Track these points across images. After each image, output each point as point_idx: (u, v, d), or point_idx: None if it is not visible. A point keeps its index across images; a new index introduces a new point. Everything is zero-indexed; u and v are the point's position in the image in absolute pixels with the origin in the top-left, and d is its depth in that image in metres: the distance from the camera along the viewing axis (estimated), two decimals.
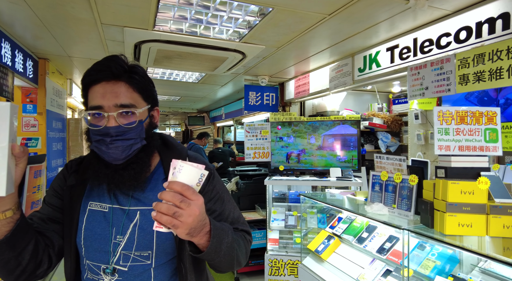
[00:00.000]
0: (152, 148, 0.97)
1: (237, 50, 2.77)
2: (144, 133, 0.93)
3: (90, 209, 0.95)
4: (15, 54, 2.60)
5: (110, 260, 0.91)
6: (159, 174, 0.99)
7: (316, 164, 3.75)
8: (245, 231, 1.06)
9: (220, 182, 1.06)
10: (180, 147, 1.06)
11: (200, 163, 0.95)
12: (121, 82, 0.89)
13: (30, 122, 3.19)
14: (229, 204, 1.05)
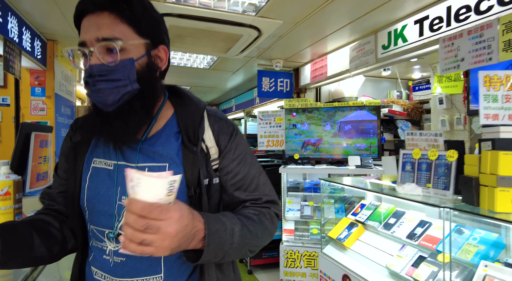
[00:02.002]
0: (153, 96, 0.80)
1: (253, 26, 2.61)
2: (134, 74, 0.75)
3: (94, 166, 0.83)
4: (22, 31, 2.49)
5: (114, 224, 0.78)
6: (172, 127, 0.84)
7: (332, 152, 3.58)
8: (270, 202, 0.90)
9: (244, 142, 0.90)
10: (197, 99, 0.90)
11: (223, 121, 0.88)
12: (105, 12, 0.74)
13: (38, 105, 3.09)
14: (253, 168, 0.89)
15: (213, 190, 0.83)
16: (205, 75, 4.95)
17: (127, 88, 0.74)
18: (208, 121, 0.85)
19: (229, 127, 0.87)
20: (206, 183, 0.81)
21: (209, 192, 0.81)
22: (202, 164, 0.80)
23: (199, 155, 0.80)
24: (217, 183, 0.84)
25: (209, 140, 0.83)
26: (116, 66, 0.73)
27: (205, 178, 0.81)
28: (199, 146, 0.81)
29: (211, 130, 0.84)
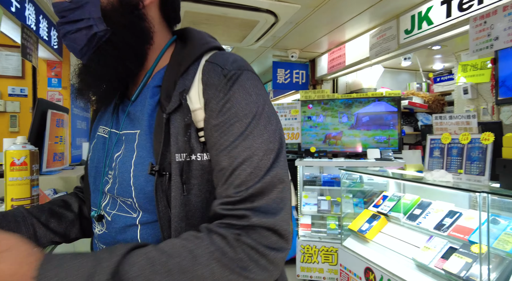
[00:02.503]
0: (132, 40, 0.60)
1: (269, 11, 2.53)
2: (97, 10, 0.58)
3: (98, 135, 0.71)
4: (39, 19, 2.49)
5: (100, 202, 0.66)
6: (155, 79, 0.63)
7: (349, 145, 3.47)
8: (259, 214, 0.51)
9: (246, 95, 0.56)
10: (202, 41, 0.63)
11: (217, 66, 0.57)
12: None
13: (55, 96, 3.11)
14: (242, 144, 0.54)
15: (195, 171, 0.56)
16: None
17: (91, 31, 0.58)
18: (202, 71, 0.58)
19: (223, 73, 0.57)
20: (181, 159, 0.55)
21: (188, 173, 0.55)
22: (178, 131, 0.56)
23: (177, 117, 0.57)
24: (205, 162, 0.56)
25: (196, 98, 0.57)
26: (74, 2, 0.58)
27: (180, 152, 0.56)
28: (172, 103, 0.57)
29: (202, 84, 0.57)
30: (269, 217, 0.50)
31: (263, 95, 0.58)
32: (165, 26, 0.68)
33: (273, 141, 0.56)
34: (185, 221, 0.56)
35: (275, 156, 0.55)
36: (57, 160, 1.44)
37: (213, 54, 0.61)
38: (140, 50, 0.62)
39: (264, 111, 0.57)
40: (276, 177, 0.53)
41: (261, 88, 0.59)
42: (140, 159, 0.58)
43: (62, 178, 1.31)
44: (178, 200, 0.55)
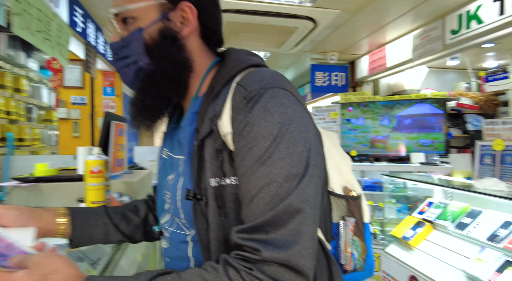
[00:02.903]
0: (171, 69, 0.63)
1: (308, 17, 2.57)
2: (141, 46, 0.62)
3: (161, 156, 0.77)
4: (97, 35, 2.76)
5: (160, 220, 0.73)
6: (195, 105, 0.66)
7: (391, 149, 3.38)
8: (266, 247, 0.49)
9: (267, 116, 0.53)
10: (237, 60, 0.63)
11: (242, 88, 0.56)
12: None
13: (108, 103, 3.40)
14: (260, 170, 0.52)
15: (229, 195, 0.57)
16: None
17: (137, 65, 0.64)
18: (232, 94, 0.58)
19: (244, 95, 0.55)
20: (216, 184, 0.57)
21: (223, 197, 0.57)
22: (212, 156, 0.57)
23: (209, 142, 0.58)
24: (236, 186, 0.57)
25: (228, 122, 0.56)
26: (123, 41, 0.64)
27: (214, 176, 0.57)
28: (204, 130, 0.58)
29: (231, 107, 0.57)
30: (282, 251, 0.48)
31: (289, 112, 0.54)
32: (208, 51, 0.69)
33: (297, 165, 0.52)
34: (223, 244, 0.57)
35: (299, 181, 0.51)
36: (118, 165, 1.60)
37: (244, 75, 0.60)
38: (181, 79, 0.65)
39: (289, 131, 0.53)
40: (293, 206, 0.49)
41: (288, 105, 0.55)
42: (184, 184, 0.63)
43: (124, 182, 1.46)
44: (215, 224, 0.56)
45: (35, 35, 1.58)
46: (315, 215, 0.53)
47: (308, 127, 0.56)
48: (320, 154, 0.60)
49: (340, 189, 0.72)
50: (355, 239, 0.75)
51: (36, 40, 1.60)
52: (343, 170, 0.73)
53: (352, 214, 0.73)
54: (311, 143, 0.55)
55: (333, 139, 0.79)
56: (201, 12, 0.65)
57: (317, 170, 0.55)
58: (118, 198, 1.32)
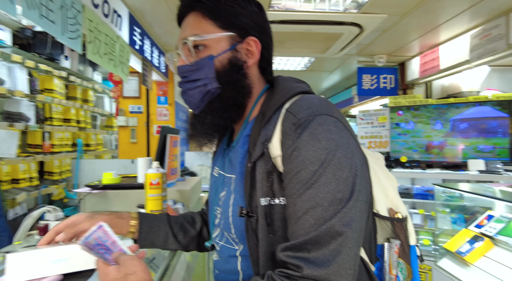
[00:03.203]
0: (235, 95, 0.70)
1: (354, 23, 2.53)
2: (212, 72, 0.69)
3: (213, 174, 0.84)
4: (153, 50, 3.00)
5: (212, 233, 0.80)
6: (247, 129, 0.72)
7: (445, 155, 3.17)
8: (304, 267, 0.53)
9: (315, 142, 0.57)
10: (287, 88, 0.69)
11: (291, 115, 0.61)
12: (191, 13, 0.73)
13: (162, 112, 3.67)
14: (307, 193, 0.56)
15: (278, 214, 0.61)
16: (301, 76, 4.96)
17: (206, 88, 0.70)
18: (282, 120, 0.63)
19: (293, 121, 0.60)
20: (266, 203, 0.61)
21: (272, 216, 0.61)
22: (262, 177, 0.62)
23: (261, 164, 0.63)
24: (284, 206, 0.61)
25: (277, 146, 0.61)
26: (194, 65, 0.70)
27: (265, 196, 0.62)
28: (256, 152, 0.63)
29: (281, 132, 0.62)
30: (322, 269, 0.52)
31: (336, 139, 0.58)
32: (261, 78, 0.77)
33: (343, 190, 0.55)
34: (271, 259, 0.61)
35: (343, 206, 0.54)
36: (173, 174, 1.75)
37: (293, 102, 0.65)
38: (242, 102, 0.72)
39: (335, 157, 0.56)
40: (334, 229, 0.53)
41: (336, 131, 0.59)
42: (235, 201, 0.68)
43: (178, 190, 1.60)
44: (264, 240, 0.61)
45: (103, 58, 1.80)
46: (357, 238, 0.56)
47: (354, 153, 0.59)
48: (366, 179, 0.62)
49: (385, 211, 0.73)
50: (400, 261, 0.76)
51: (103, 61, 1.81)
52: (388, 192, 0.75)
53: (397, 236, 0.74)
54: (357, 169, 0.58)
55: (379, 160, 0.81)
56: (263, 46, 0.73)
57: (361, 195, 0.58)
58: (172, 205, 1.45)
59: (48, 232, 0.70)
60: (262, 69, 0.76)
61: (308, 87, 0.73)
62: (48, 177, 3.33)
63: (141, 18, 2.58)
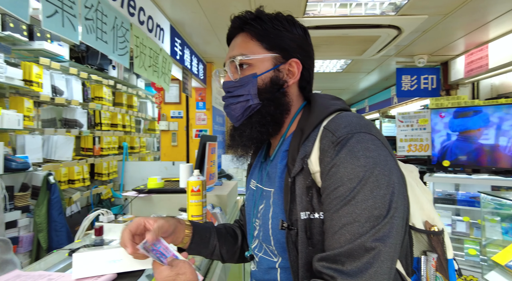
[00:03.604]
0: (274, 111, 0.75)
1: (392, 26, 2.47)
2: (255, 89, 0.74)
3: (249, 187, 0.87)
4: (192, 58, 3.15)
5: (251, 245, 0.83)
6: (285, 144, 0.76)
7: (494, 159, 2.95)
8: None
9: (353, 159, 0.60)
10: (323, 105, 0.72)
11: (329, 133, 0.63)
12: (240, 34, 0.78)
13: (201, 116, 3.82)
14: (344, 209, 0.58)
15: (317, 228, 0.64)
16: (337, 78, 4.94)
17: (248, 103, 0.75)
18: (320, 138, 0.65)
19: (332, 140, 0.62)
20: (305, 217, 0.64)
21: (311, 230, 0.64)
22: (302, 191, 0.65)
23: (300, 179, 0.66)
24: (322, 220, 0.63)
25: (316, 162, 0.64)
26: (238, 82, 0.75)
27: (304, 210, 0.64)
28: (296, 168, 0.66)
29: (319, 149, 0.64)
30: (354, 279, 0.55)
31: (374, 156, 0.59)
32: (300, 96, 0.81)
33: (379, 207, 0.57)
34: (310, 271, 0.64)
35: (379, 223, 0.56)
36: (211, 179, 1.84)
37: (331, 120, 0.67)
38: (279, 118, 0.76)
39: (373, 174, 0.58)
40: (368, 244, 0.55)
41: (374, 149, 0.60)
42: (275, 214, 0.71)
43: (216, 195, 1.68)
44: (304, 252, 0.64)
45: (147, 70, 1.94)
46: (392, 253, 0.57)
47: (392, 171, 0.60)
48: (404, 196, 0.63)
49: (421, 224, 0.73)
50: (438, 275, 0.76)
51: (148, 74, 1.95)
52: (423, 205, 0.75)
53: (433, 249, 0.74)
54: (394, 186, 0.59)
55: (413, 173, 0.81)
56: (304, 67, 0.77)
57: (398, 211, 0.59)
58: (211, 210, 1.54)
59: (124, 231, 0.74)
60: (302, 88, 0.80)
61: (344, 104, 0.75)
62: (97, 178, 3.63)
63: (181, 30, 2.73)
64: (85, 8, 1.28)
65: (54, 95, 2.78)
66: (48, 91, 2.71)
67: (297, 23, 0.78)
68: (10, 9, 0.86)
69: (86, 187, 3.34)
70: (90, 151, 3.45)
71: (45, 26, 1.04)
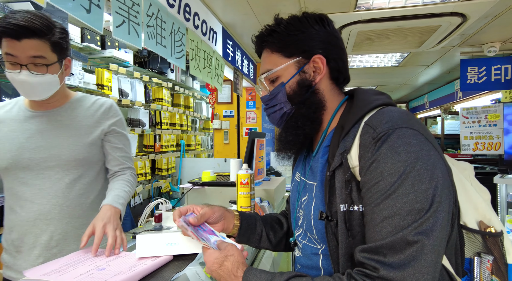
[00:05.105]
0: (307, 111, 0.78)
1: (455, 13, 2.27)
2: (284, 97, 0.79)
3: (294, 179, 0.92)
4: (243, 59, 3.25)
5: (295, 233, 0.87)
6: (327, 140, 0.78)
7: None
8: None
9: (395, 155, 0.60)
10: (367, 100, 0.72)
11: (370, 129, 0.64)
12: (264, 50, 0.84)
13: (251, 115, 3.93)
14: (384, 203, 0.59)
15: (357, 220, 0.65)
16: (393, 72, 4.67)
17: (282, 111, 0.81)
18: (360, 133, 0.67)
19: (373, 135, 0.63)
20: (344, 209, 0.66)
21: (351, 221, 0.66)
22: (341, 185, 0.67)
23: (340, 173, 0.68)
24: (362, 213, 0.65)
25: (356, 157, 0.66)
26: (271, 95, 0.82)
27: (344, 203, 0.67)
28: (335, 162, 0.68)
29: (359, 145, 0.66)
30: (398, 272, 0.55)
31: (416, 151, 0.59)
32: (336, 90, 0.82)
33: (421, 201, 0.57)
34: (350, 260, 0.66)
35: (421, 216, 0.56)
36: (259, 174, 1.90)
37: (372, 115, 0.68)
38: (314, 117, 0.79)
39: (415, 169, 0.58)
40: (410, 237, 0.56)
41: (416, 144, 0.60)
42: (316, 206, 0.75)
43: (264, 189, 1.74)
44: (344, 243, 0.67)
45: (202, 72, 2.07)
46: (436, 247, 0.57)
47: (435, 165, 0.60)
48: (449, 190, 0.62)
49: (475, 224, 0.71)
50: (494, 279, 0.72)
51: (202, 75, 2.08)
52: (478, 204, 0.73)
53: (489, 251, 0.71)
54: (438, 181, 0.59)
55: (466, 171, 0.78)
56: (329, 59, 0.78)
57: (443, 205, 0.58)
58: (259, 203, 1.59)
59: (175, 211, 0.85)
60: (335, 80, 0.81)
61: (388, 99, 0.74)
62: (158, 173, 3.94)
63: (232, 31, 2.84)
64: (147, 16, 1.42)
65: (121, 97, 3.09)
66: (116, 94, 3.02)
67: (313, 18, 0.79)
68: (89, 22, 1.01)
69: (147, 181, 3.65)
70: (152, 148, 3.76)
71: (115, 35, 1.19)
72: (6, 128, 1.14)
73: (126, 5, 1.24)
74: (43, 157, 1.11)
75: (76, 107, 1.19)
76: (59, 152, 1.13)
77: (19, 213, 1.12)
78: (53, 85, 1.07)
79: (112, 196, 1.13)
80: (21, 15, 0.97)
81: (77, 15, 0.98)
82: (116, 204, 1.10)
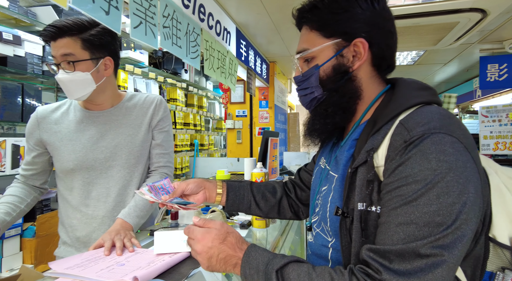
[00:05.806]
0: (339, 98, 0.73)
1: (474, 9, 2.21)
2: (317, 81, 0.74)
3: (319, 163, 0.88)
4: (256, 59, 3.26)
5: (311, 218, 0.84)
6: (356, 132, 0.73)
7: None
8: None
9: (425, 165, 0.55)
10: (403, 98, 0.65)
11: (403, 129, 0.59)
12: (302, 27, 0.78)
13: (263, 115, 3.93)
14: (402, 208, 0.55)
15: (373, 221, 0.62)
16: (408, 71, 4.58)
17: (313, 95, 0.76)
18: (392, 133, 0.61)
19: (405, 138, 0.58)
20: (362, 208, 0.63)
21: (367, 221, 0.62)
22: (362, 183, 0.63)
23: (362, 171, 0.64)
24: (378, 215, 0.62)
25: (383, 156, 0.61)
26: (304, 76, 0.77)
27: (362, 201, 0.63)
28: (359, 160, 0.65)
29: (389, 145, 0.61)
30: (401, 278, 0.52)
31: (449, 161, 0.54)
32: (377, 78, 0.75)
33: (444, 215, 0.52)
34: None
35: (440, 231, 0.52)
36: (273, 173, 1.90)
37: (409, 114, 0.62)
38: (347, 106, 0.73)
39: (444, 180, 0.53)
40: (423, 251, 0.52)
41: (451, 153, 0.54)
42: (333, 199, 0.72)
43: None
44: (357, 242, 0.63)
45: (216, 72, 2.08)
46: (452, 265, 0.53)
47: (469, 179, 0.54)
48: (479, 207, 0.57)
49: (506, 238, 0.65)
50: None
51: (216, 75, 2.10)
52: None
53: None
54: (468, 197, 0.53)
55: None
56: (372, 43, 0.71)
57: (468, 224, 0.54)
58: None
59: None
60: (378, 67, 0.74)
61: (432, 96, 0.67)
62: None
63: (246, 31, 2.85)
64: (163, 17, 1.45)
65: None
66: None
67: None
68: (108, 24, 1.03)
69: None
70: None
71: (133, 36, 1.21)
72: (65, 129, 1.16)
73: (143, 7, 1.27)
74: (106, 156, 1.15)
75: (129, 106, 1.23)
76: (120, 151, 1.17)
77: (85, 212, 1.16)
78: (86, 83, 1.06)
79: (129, 207, 1.13)
80: (61, 19, 1.03)
81: (96, 17, 1.01)
82: (129, 218, 1.10)
